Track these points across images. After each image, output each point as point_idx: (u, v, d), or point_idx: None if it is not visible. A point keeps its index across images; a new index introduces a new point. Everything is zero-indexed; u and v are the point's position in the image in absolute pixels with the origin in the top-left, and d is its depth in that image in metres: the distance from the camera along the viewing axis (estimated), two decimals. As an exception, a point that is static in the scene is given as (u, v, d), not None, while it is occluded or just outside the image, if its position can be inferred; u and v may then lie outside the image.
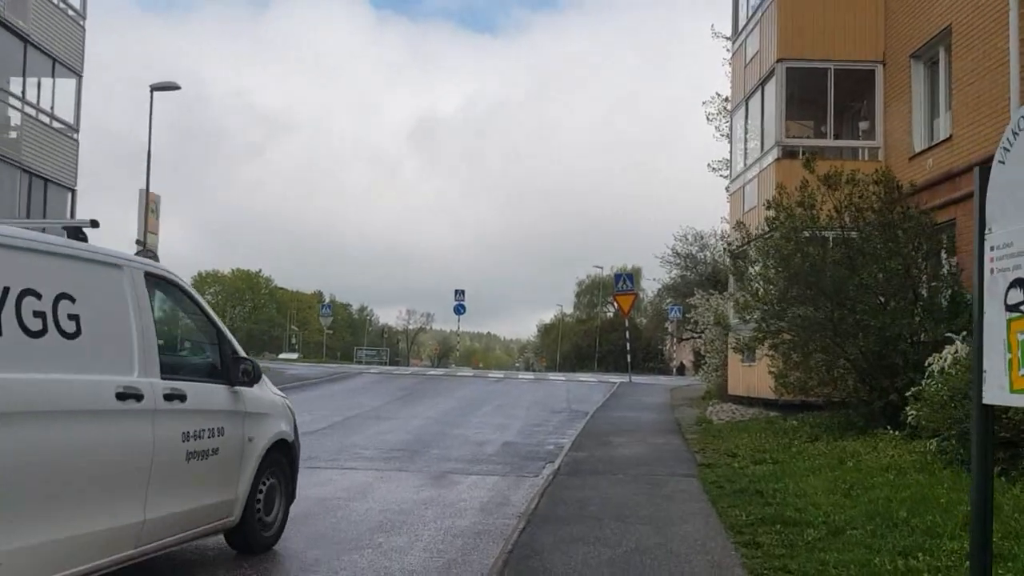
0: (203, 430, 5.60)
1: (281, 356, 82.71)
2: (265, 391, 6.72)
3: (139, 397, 4.93)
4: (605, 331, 69.91)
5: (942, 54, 14.80)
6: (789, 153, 16.81)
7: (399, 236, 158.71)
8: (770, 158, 17.04)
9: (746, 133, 19.18)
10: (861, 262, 12.19)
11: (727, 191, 29.93)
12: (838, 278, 12.06)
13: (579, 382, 32.06)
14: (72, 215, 24.53)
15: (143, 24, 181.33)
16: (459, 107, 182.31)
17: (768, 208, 13.17)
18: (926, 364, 10.74)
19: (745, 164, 19.05)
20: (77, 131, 24.52)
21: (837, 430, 13.17)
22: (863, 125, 17.39)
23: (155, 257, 24.49)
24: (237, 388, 6.18)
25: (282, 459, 6.81)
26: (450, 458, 12.21)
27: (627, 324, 34.54)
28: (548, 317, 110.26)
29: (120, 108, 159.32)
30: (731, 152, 21.19)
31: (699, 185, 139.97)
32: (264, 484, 6.50)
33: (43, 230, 4.88)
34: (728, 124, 28.64)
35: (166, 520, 5.21)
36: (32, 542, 4.13)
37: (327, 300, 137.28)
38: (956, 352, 10.22)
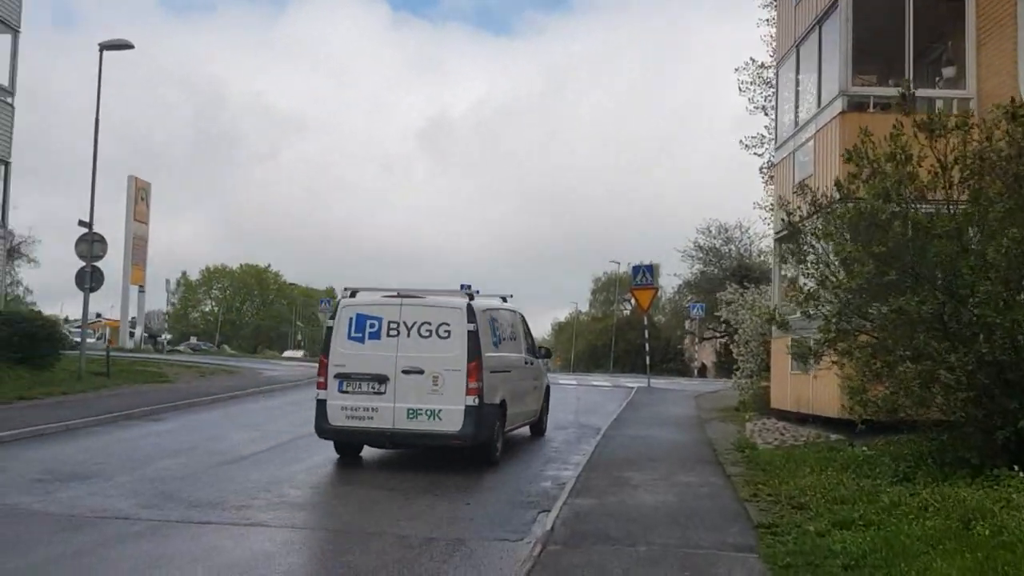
0: (535, 377, 14.09)
1: (286, 354, 79.64)
2: (543, 365, 15.47)
3: (529, 362, 13.72)
4: (621, 330, 66.24)
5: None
6: (856, 105, 13.27)
7: (415, 235, 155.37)
8: (831, 112, 13.51)
9: (797, 87, 15.63)
10: (978, 237, 8.69)
11: (768, 164, 26.40)
12: (947, 256, 8.57)
13: (591, 387, 28.60)
14: (6, 190, 21.37)
15: (165, 26, 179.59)
16: (473, 107, 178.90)
17: (848, 160, 9.67)
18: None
19: (796, 125, 15.49)
20: (12, 95, 21.23)
21: (936, 467, 9.66)
22: (947, 72, 13.85)
23: (102, 240, 21.29)
24: (539, 361, 14.65)
25: (546, 395, 15.09)
26: (406, 504, 8.84)
27: (646, 322, 30.99)
28: (563, 316, 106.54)
29: (137, 109, 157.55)
30: (776, 114, 17.64)
31: (718, 181, 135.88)
32: (545, 404, 14.93)
33: (504, 299, 13.33)
34: (764, 94, 25.16)
35: (530, 412, 13.74)
36: (515, 411, 12.43)
37: (337, 296, 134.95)
38: None
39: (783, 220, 10.46)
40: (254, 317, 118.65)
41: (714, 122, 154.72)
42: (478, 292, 11.70)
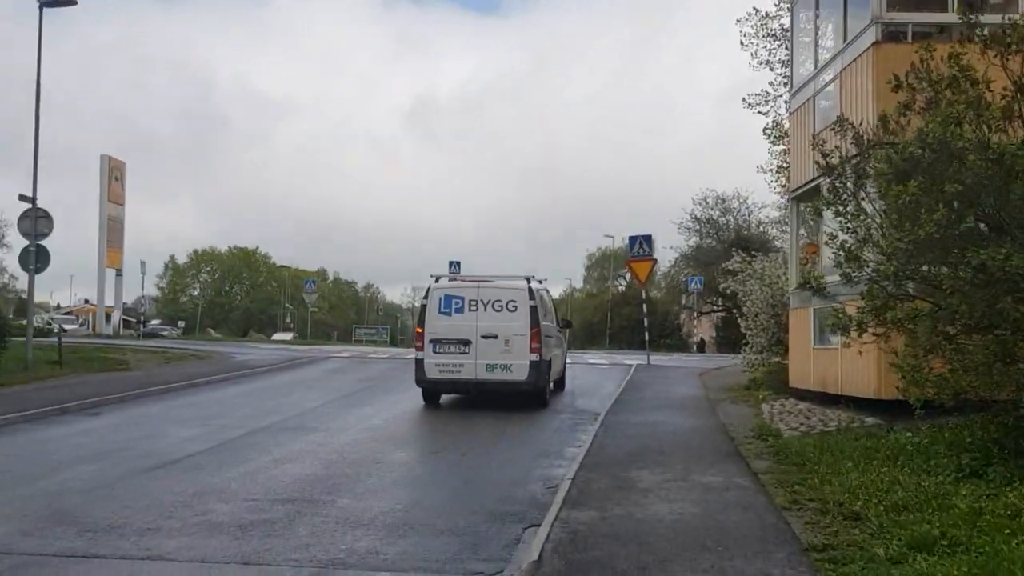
0: (561, 343, 17.53)
1: (275, 336, 77.71)
2: (564, 334, 19.26)
3: (559, 331, 17.14)
4: (617, 305, 64.44)
5: None
6: (891, 36, 11.37)
7: (406, 215, 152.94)
8: (861, 45, 11.60)
9: (817, 23, 13.70)
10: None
11: (772, 124, 24.53)
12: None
13: (588, 365, 26.80)
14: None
15: (152, 10, 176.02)
16: (462, 85, 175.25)
17: (897, 88, 7.80)
18: None
19: (816, 66, 13.57)
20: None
21: (1010, 458, 7.90)
22: (994, -3, 11.95)
23: (46, 216, 19.36)
24: (562, 331, 17.83)
25: (564, 357, 18.47)
26: (360, 521, 7.04)
27: (644, 296, 29.13)
28: (557, 293, 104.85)
29: (120, 90, 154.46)
30: (791, 57, 15.67)
31: (710, 154, 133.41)
32: (565, 365, 18.35)
33: (540, 282, 16.04)
34: (768, 47, 23.23)
35: (558, 369, 16.86)
36: (554, 368, 15.98)
37: (330, 278, 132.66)
38: None
39: (819, 164, 8.57)
40: (244, 300, 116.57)
41: (704, 95, 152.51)
42: (533, 277, 15.43)
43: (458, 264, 44.68)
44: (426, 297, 14.99)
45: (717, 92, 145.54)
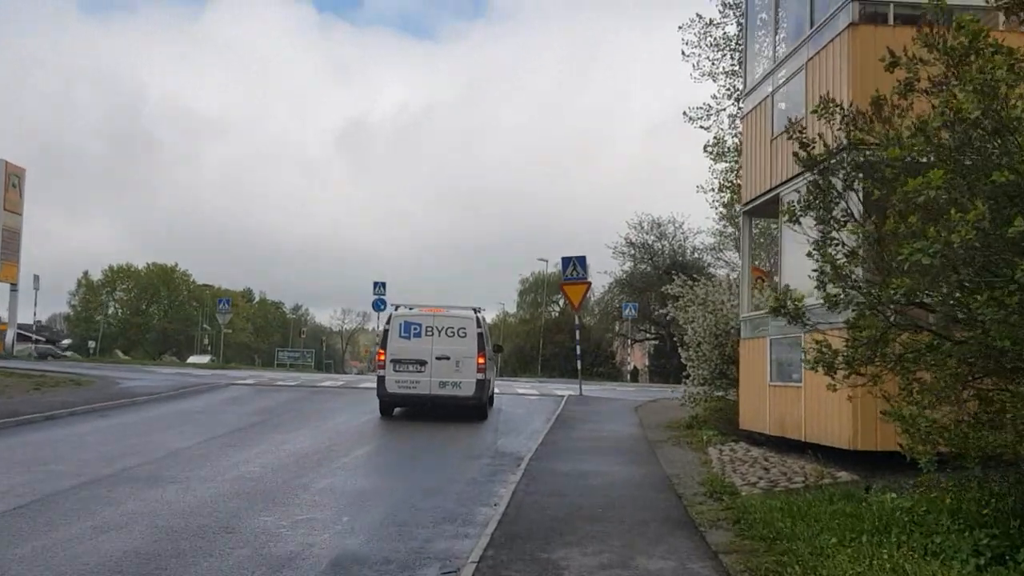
0: (493, 364, 20.05)
1: (191, 359, 73.66)
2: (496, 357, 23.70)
3: (493, 354, 19.56)
4: (550, 331, 62.59)
5: None
6: (870, 18, 9.71)
7: (335, 237, 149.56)
8: (834, 29, 9.92)
9: (777, 13, 12.05)
10: None
11: (713, 141, 23.07)
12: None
13: (516, 395, 24.75)
14: None
15: (82, 25, 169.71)
16: (396, 109, 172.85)
17: (893, 67, 6.04)
18: None
19: (775, 57, 11.91)
20: None
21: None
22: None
23: None
24: (494, 355, 20.45)
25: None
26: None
27: (577, 321, 27.31)
28: (490, 317, 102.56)
29: (57, 109, 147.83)
30: (744, 47, 13.97)
31: (644, 180, 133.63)
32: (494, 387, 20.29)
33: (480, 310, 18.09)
34: (711, 57, 21.79)
35: (492, 387, 19.47)
36: (491, 387, 18.41)
37: (256, 298, 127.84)
38: None
39: (798, 155, 6.73)
40: (162, 320, 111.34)
41: (636, 123, 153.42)
42: (480, 308, 17.92)
43: (383, 285, 42.54)
44: (388, 323, 17.19)
45: (649, 121, 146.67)
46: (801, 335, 10.45)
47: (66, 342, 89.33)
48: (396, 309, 17.43)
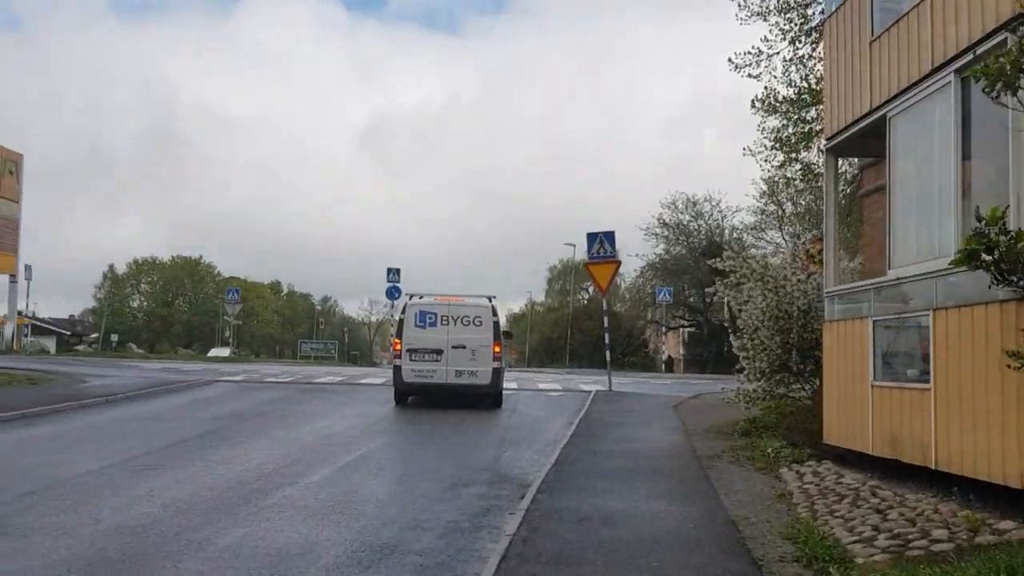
0: (506, 351, 19.81)
1: (212, 352, 71.30)
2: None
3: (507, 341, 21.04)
4: (578, 319, 59.15)
5: None
6: None
7: (363, 232, 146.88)
8: None
9: None
10: None
11: (762, 95, 19.69)
12: None
13: (536, 391, 21.61)
14: None
15: (118, 29, 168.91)
16: (421, 105, 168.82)
17: None
18: None
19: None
20: None
21: None
22: None
23: None
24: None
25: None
26: None
27: (605, 306, 24.00)
28: (517, 307, 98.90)
29: (94, 111, 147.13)
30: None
31: (673, 167, 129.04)
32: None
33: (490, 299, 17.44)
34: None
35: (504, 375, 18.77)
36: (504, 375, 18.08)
37: (284, 290, 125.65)
38: None
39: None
40: (188, 312, 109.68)
41: (664, 111, 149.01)
42: (493, 297, 17.59)
43: (397, 271, 39.74)
44: (403, 312, 17.06)
45: (673, 108, 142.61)
46: (929, 314, 7.17)
47: (93, 336, 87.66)
48: (411, 298, 17.45)
